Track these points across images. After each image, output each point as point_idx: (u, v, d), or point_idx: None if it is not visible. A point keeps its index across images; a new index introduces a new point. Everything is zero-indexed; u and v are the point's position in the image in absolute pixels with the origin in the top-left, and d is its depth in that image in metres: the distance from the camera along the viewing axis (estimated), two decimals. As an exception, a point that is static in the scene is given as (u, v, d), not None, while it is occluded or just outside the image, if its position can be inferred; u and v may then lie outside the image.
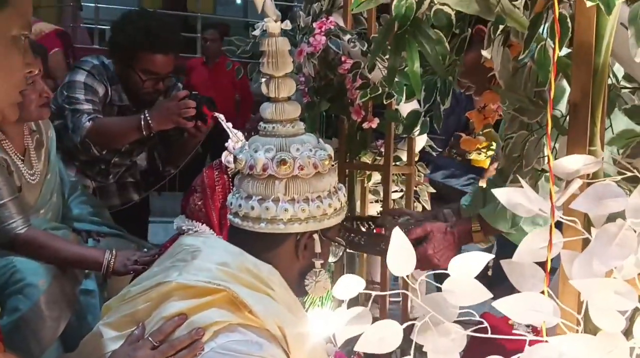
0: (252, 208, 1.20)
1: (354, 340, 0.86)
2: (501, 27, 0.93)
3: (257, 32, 1.18)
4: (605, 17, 0.84)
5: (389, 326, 0.82)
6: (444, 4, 0.98)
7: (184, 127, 2.43)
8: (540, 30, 0.97)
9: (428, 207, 2.41)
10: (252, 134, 1.28)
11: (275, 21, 1.16)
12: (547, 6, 0.93)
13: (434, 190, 2.44)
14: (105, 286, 2.14)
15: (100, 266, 1.97)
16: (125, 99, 2.61)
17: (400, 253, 0.84)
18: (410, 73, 0.98)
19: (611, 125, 1.13)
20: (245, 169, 1.21)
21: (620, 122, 1.15)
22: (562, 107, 1.12)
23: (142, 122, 2.39)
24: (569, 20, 0.81)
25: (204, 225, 1.93)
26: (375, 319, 0.85)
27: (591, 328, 0.81)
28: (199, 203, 1.94)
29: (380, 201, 2.39)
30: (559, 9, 0.78)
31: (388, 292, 0.97)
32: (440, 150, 2.55)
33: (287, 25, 1.17)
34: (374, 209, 2.44)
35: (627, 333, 0.78)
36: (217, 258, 1.17)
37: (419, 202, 2.40)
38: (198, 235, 1.41)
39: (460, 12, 1.02)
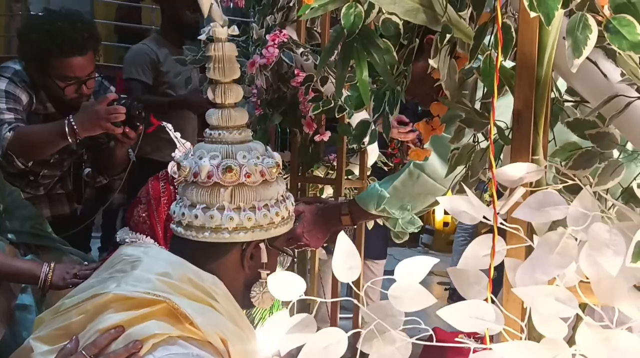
0: (196, 216, 1.17)
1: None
2: (448, 37, 0.93)
3: (203, 37, 1.16)
4: (548, 29, 0.85)
5: (333, 334, 0.80)
6: (392, 14, 0.98)
7: (112, 134, 2.27)
8: (487, 41, 0.98)
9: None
10: None
11: (222, 26, 1.14)
12: (492, 17, 0.94)
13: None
14: (44, 301, 2.06)
15: (37, 280, 1.89)
16: (51, 107, 2.44)
17: (345, 261, 0.83)
18: (359, 82, 0.98)
19: (554, 138, 1.14)
20: (189, 176, 1.19)
21: (563, 135, 1.17)
22: (507, 118, 1.13)
23: (67, 128, 2.20)
24: (513, 30, 0.81)
25: (148, 237, 1.88)
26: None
27: (535, 336, 0.81)
28: (144, 215, 1.89)
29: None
30: (503, 19, 0.78)
31: (336, 299, 0.95)
32: (392, 165, 2.56)
33: (234, 30, 1.15)
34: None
35: (570, 341, 0.78)
36: (158, 268, 1.13)
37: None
38: (139, 245, 1.37)
39: (409, 22, 1.03)
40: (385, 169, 2.57)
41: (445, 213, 5.72)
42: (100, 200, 2.76)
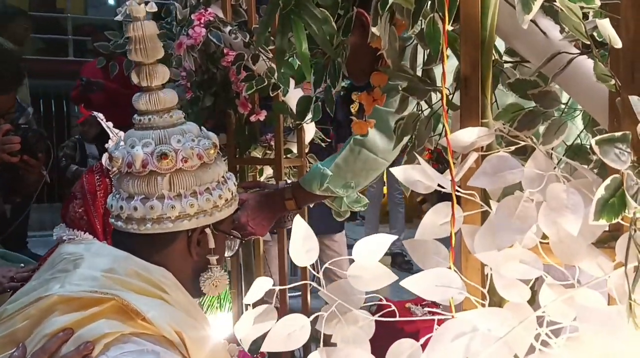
0: (135, 209, 1.12)
1: (259, 339, 0.81)
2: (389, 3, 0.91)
3: (119, 17, 1.09)
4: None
5: (296, 320, 0.77)
6: (327, -18, 0.95)
7: (9, 163, 2.25)
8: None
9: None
10: None
11: (139, 3, 1.07)
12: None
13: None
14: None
15: (-29, 287, 1.79)
16: None
17: (303, 244, 0.80)
18: (300, 54, 0.94)
19: (496, 101, 1.14)
20: (123, 167, 1.13)
21: (503, 97, 1.17)
22: (448, 83, 1.12)
23: None
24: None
25: (87, 233, 1.80)
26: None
27: (496, 301, 0.80)
28: (80, 210, 1.82)
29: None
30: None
31: (290, 285, 0.93)
32: (329, 140, 2.54)
33: (152, 7, 1.09)
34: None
35: (530, 303, 0.78)
36: (103, 265, 1.07)
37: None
38: (79, 241, 1.30)
39: (345, -10, 1.00)
40: (323, 145, 2.54)
41: (379, 184, 5.78)
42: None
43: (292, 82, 2.12)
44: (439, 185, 0.81)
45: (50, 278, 1.09)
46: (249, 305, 0.79)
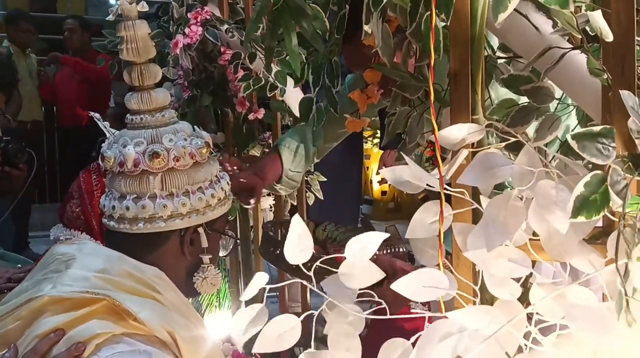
0: (128, 208, 1.11)
1: (253, 339, 0.81)
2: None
3: (111, 17, 1.09)
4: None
5: (287, 321, 0.77)
6: (318, -21, 0.94)
7: None
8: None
9: (320, 196, 2.39)
10: None
11: (131, 3, 1.07)
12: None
13: (325, 179, 2.42)
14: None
15: (-33, 288, 1.78)
16: None
17: (298, 242, 0.79)
18: (289, 52, 0.94)
19: (490, 96, 1.13)
20: (115, 167, 1.12)
21: (498, 92, 1.16)
22: (442, 80, 1.11)
23: None
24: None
25: (84, 233, 1.80)
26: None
27: (487, 299, 0.80)
28: (77, 210, 1.81)
29: (272, 194, 2.34)
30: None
31: (285, 283, 0.93)
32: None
33: (144, 6, 1.09)
34: (265, 202, 2.39)
35: (522, 300, 0.77)
36: (95, 265, 1.07)
37: (311, 191, 2.38)
38: (72, 242, 1.30)
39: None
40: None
41: (380, 182, 5.75)
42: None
43: (290, 80, 2.11)
44: (428, 184, 0.80)
45: (42, 279, 1.08)
46: (244, 302, 0.78)
